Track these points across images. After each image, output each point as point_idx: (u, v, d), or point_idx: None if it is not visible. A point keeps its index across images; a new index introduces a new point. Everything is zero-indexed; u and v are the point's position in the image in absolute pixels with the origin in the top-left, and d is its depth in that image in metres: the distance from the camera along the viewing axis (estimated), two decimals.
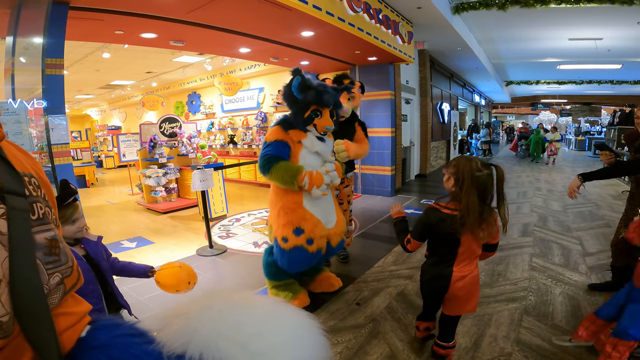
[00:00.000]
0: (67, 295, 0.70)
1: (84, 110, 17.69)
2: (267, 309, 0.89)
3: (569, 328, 2.42)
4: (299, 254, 2.60)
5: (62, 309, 0.69)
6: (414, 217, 5.32)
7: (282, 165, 2.57)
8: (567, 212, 5.57)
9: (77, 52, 6.90)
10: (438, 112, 10.71)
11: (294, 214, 2.64)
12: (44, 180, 0.73)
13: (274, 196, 2.76)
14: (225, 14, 3.93)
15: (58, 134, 2.86)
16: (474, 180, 1.77)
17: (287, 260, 2.64)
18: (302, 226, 2.60)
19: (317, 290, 3.10)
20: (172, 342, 0.76)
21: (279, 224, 2.66)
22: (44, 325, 0.60)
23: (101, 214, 6.58)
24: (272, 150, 2.60)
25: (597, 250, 3.90)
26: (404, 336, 2.42)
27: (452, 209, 1.82)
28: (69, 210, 1.63)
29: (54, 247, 0.66)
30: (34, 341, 0.59)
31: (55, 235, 0.68)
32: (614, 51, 9.83)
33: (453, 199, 1.85)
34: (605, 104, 20.87)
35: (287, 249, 2.59)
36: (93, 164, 10.95)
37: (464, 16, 7.14)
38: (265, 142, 2.69)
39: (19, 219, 0.60)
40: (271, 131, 2.72)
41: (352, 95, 3.45)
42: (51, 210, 0.71)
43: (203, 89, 10.90)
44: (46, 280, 0.63)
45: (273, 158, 2.59)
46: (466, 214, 1.75)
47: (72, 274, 0.70)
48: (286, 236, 2.59)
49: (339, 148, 3.26)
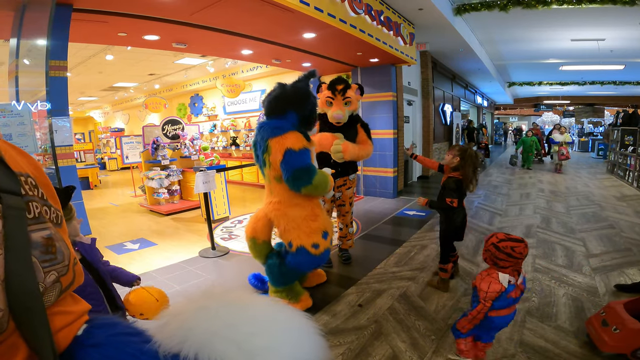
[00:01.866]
0: (64, 294, 0.71)
1: (87, 112, 17.79)
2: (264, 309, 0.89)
3: (572, 329, 2.41)
4: (326, 255, 2.68)
5: (59, 308, 0.70)
6: (416, 218, 5.34)
7: (320, 174, 2.57)
8: (571, 213, 5.54)
9: (80, 55, 6.94)
10: (440, 113, 10.71)
11: (320, 219, 2.68)
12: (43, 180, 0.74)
13: (293, 207, 2.63)
14: (228, 16, 3.95)
15: (62, 135, 2.87)
16: (471, 159, 2.91)
17: (316, 264, 2.69)
18: (327, 229, 2.68)
19: (312, 284, 3.20)
20: (168, 342, 0.76)
21: (304, 232, 2.60)
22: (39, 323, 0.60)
23: (104, 215, 6.60)
24: (308, 160, 2.53)
25: (601, 251, 3.88)
26: (406, 337, 2.41)
27: (457, 176, 2.93)
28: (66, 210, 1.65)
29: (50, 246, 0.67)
30: (29, 338, 0.59)
31: (51, 234, 0.68)
32: (617, 52, 9.79)
33: (456, 169, 2.95)
34: (608, 105, 20.78)
35: (319, 254, 2.61)
36: (96, 166, 10.99)
37: (465, 17, 7.14)
38: (291, 150, 2.45)
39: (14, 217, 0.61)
40: (294, 137, 2.51)
41: (348, 99, 3.43)
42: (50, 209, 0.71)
43: (205, 91, 10.94)
44: (42, 278, 0.63)
45: (313, 168, 2.54)
46: (465, 178, 2.91)
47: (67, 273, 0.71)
48: (317, 242, 2.60)
49: (335, 148, 3.27)
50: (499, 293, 1.82)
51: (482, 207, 6.04)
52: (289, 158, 2.45)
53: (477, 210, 5.93)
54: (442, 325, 2.54)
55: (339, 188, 3.66)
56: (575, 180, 8.73)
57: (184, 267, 3.84)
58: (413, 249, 4.14)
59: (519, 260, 1.85)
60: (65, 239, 0.74)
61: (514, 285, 1.86)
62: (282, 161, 2.49)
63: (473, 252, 3.97)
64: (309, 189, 2.52)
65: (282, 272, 2.76)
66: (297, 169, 2.46)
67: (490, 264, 1.93)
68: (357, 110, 3.63)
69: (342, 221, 3.83)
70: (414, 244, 4.34)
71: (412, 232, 4.78)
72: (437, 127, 10.30)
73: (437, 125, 10.30)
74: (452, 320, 2.59)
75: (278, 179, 2.62)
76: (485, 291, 1.84)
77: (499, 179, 9.18)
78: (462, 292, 3.03)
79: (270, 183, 2.72)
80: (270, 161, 2.57)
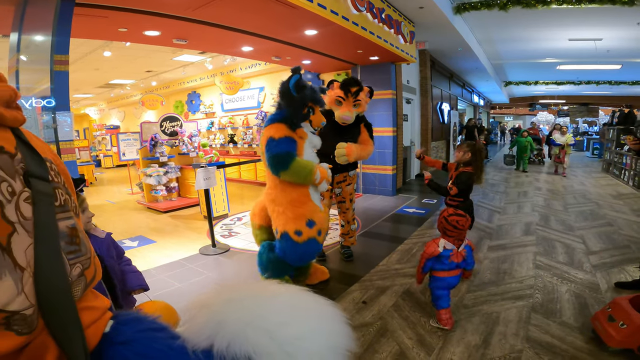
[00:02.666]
0: (87, 288, 0.68)
1: (82, 109, 17.60)
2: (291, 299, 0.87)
3: (577, 325, 2.42)
4: (311, 246, 2.67)
5: (85, 303, 0.67)
6: (415, 216, 5.35)
7: (299, 161, 2.63)
8: (569, 211, 5.58)
9: (77, 51, 6.86)
10: (438, 112, 10.73)
11: (305, 206, 2.69)
12: (63, 167, 0.72)
13: (279, 192, 2.75)
14: (230, 12, 3.92)
15: (63, 130, 2.84)
16: (481, 154, 3.20)
17: (300, 254, 2.68)
18: (313, 218, 2.68)
19: (315, 281, 3.19)
20: (197, 336, 0.75)
21: (287, 217, 2.67)
22: (70, 320, 0.57)
23: (101, 213, 6.54)
24: (286, 147, 2.62)
25: (600, 248, 3.91)
26: (412, 334, 2.41)
27: (469, 170, 3.14)
28: (79, 199, 1.63)
29: (75, 237, 0.64)
30: (60, 337, 0.56)
31: (75, 223, 0.65)
32: (614, 52, 9.87)
33: (468, 164, 3.18)
34: (603, 105, 20.96)
35: (301, 242, 2.62)
36: (92, 163, 10.89)
37: (465, 16, 7.15)
38: (271, 138, 2.65)
39: (44, 203, 0.58)
40: (275, 128, 2.68)
41: (358, 102, 3.46)
42: (70, 197, 0.69)
43: (203, 88, 10.87)
44: (69, 272, 0.60)
45: (290, 154, 2.61)
46: (477, 171, 3.16)
47: (90, 266, 0.68)
48: (299, 229, 2.62)
49: (339, 152, 3.32)
50: (433, 255, 2.38)
51: (481, 205, 6.07)
52: (269, 145, 2.64)
53: (476, 208, 5.94)
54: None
55: (339, 184, 3.67)
56: (571, 179, 8.80)
57: (185, 265, 3.81)
58: (414, 246, 4.14)
59: (461, 231, 2.38)
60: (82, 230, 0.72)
61: (450, 250, 2.38)
62: (264, 148, 2.69)
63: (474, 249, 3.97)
64: (286, 173, 2.61)
65: (270, 260, 2.81)
66: (274, 155, 2.61)
67: (441, 233, 2.46)
68: (364, 112, 3.65)
69: (343, 218, 3.82)
70: (415, 240, 4.34)
71: (412, 230, 4.79)
72: (435, 126, 10.32)
73: (435, 123, 10.32)
74: (457, 316, 2.60)
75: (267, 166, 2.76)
76: (424, 251, 2.44)
77: (496, 178, 9.23)
78: (466, 289, 3.04)
79: (265, 170, 2.86)
80: (262, 149, 2.78)
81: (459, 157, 3.27)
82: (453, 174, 3.30)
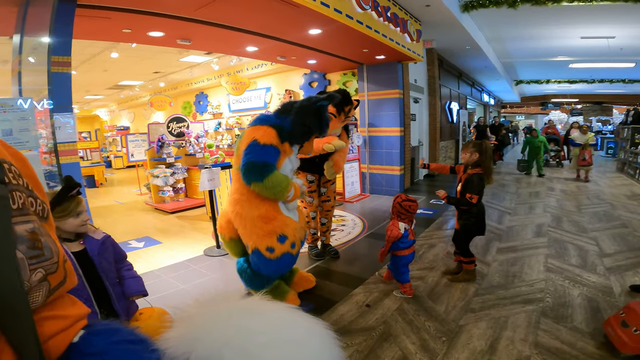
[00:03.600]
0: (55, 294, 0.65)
1: (93, 110, 17.87)
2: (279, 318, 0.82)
3: (589, 330, 2.33)
4: (285, 260, 2.55)
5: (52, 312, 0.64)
6: (423, 217, 5.26)
7: (276, 175, 2.43)
8: (582, 212, 5.43)
9: (85, 52, 6.93)
10: (447, 111, 10.59)
11: (275, 221, 2.54)
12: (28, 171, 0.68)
13: (246, 205, 2.54)
14: (233, 11, 3.90)
15: (65, 132, 2.83)
16: (488, 152, 3.03)
17: (275, 268, 2.57)
18: (285, 232, 2.53)
19: (299, 289, 3.05)
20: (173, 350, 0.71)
21: (257, 234, 2.52)
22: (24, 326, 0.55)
23: (110, 214, 6.59)
24: (268, 157, 2.41)
25: (614, 251, 3.78)
26: (416, 339, 2.35)
27: (479, 172, 3.00)
28: (73, 202, 1.61)
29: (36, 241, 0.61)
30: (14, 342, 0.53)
31: (35, 227, 0.62)
32: (627, 50, 9.62)
33: (476, 165, 3.03)
34: (616, 103, 20.52)
35: (274, 258, 2.50)
36: (102, 164, 11.02)
37: (473, 14, 7.02)
38: (256, 141, 2.40)
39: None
40: (263, 131, 2.45)
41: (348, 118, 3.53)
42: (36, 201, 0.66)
43: (210, 89, 10.92)
44: (27, 277, 0.58)
45: (269, 167, 2.41)
46: (487, 171, 3.01)
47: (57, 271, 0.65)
48: (271, 246, 2.49)
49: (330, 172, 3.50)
50: (398, 237, 2.76)
51: (490, 206, 5.94)
52: (250, 148, 2.40)
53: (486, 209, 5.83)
54: (453, 326, 2.47)
55: (324, 184, 3.80)
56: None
57: (189, 266, 3.80)
58: (421, 248, 4.07)
59: (412, 214, 2.84)
60: (52, 234, 0.68)
61: (407, 230, 2.82)
62: (244, 150, 2.44)
63: (483, 251, 3.88)
64: (259, 186, 2.40)
65: (250, 277, 2.68)
66: (252, 161, 2.38)
67: (394, 216, 2.85)
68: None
69: (325, 216, 3.88)
70: (421, 242, 4.26)
71: (419, 231, 4.70)
72: (443, 125, 10.18)
73: (443, 123, 10.19)
74: (463, 321, 2.53)
75: (238, 168, 2.53)
76: (389, 236, 2.78)
77: (507, 178, 9.06)
78: (473, 293, 2.95)
79: (233, 171, 2.66)
80: (239, 148, 2.54)
81: (466, 158, 3.09)
82: (462, 177, 3.15)
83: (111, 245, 1.86)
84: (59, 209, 1.57)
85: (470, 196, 2.98)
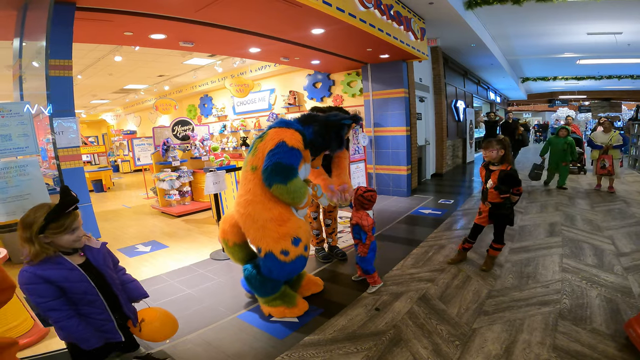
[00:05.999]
0: None
1: (99, 115, 17.98)
2: None
3: (610, 332, 2.23)
4: (299, 263, 2.53)
5: None
6: (432, 217, 5.17)
7: (299, 181, 2.46)
8: (595, 210, 5.30)
9: (89, 57, 6.95)
10: (453, 110, 10.47)
11: (290, 223, 2.50)
12: None
13: (259, 207, 2.47)
14: (234, 13, 3.85)
15: (67, 137, 2.80)
16: (509, 147, 3.18)
17: (288, 272, 2.53)
18: (299, 235, 2.50)
19: (307, 293, 2.98)
20: None
21: (271, 237, 2.46)
22: None
23: (117, 218, 6.58)
24: (294, 160, 2.41)
25: (631, 250, 3.66)
26: (428, 343, 2.27)
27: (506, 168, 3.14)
28: (69, 218, 1.55)
29: None
30: None
31: None
32: (635, 45, 9.45)
33: (503, 161, 3.18)
34: (625, 99, 20.20)
35: (289, 261, 2.46)
36: (110, 169, 11.05)
37: (477, 11, 6.92)
38: (284, 142, 2.39)
39: None
40: (292, 133, 2.46)
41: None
42: None
43: (214, 92, 10.92)
44: None
45: (294, 170, 2.41)
46: (513, 166, 3.17)
47: None
48: (286, 249, 2.44)
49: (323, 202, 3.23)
50: (372, 224, 2.97)
51: None
52: (277, 150, 2.38)
53: None
54: (467, 329, 2.39)
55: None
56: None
57: (195, 270, 3.75)
58: (430, 249, 3.98)
59: (373, 203, 3.02)
60: None
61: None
62: (270, 150, 2.40)
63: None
64: (281, 189, 2.37)
65: (261, 282, 2.62)
66: (280, 162, 2.36)
67: (358, 207, 3.02)
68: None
69: (329, 217, 3.84)
70: (431, 243, 4.17)
71: (428, 232, 4.61)
72: (449, 124, 10.07)
73: (449, 122, 10.07)
74: (477, 324, 2.44)
75: (254, 168, 2.47)
76: (367, 224, 2.94)
77: None
78: (486, 295, 2.87)
79: (245, 172, 2.57)
80: (259, 148, 2.48)
81: (492, 156, 3.21)
82: (491, 174, 3.21)
83: (107, 251, 1.83)
84: (54, 226, 1.50)
85: (518, 189, 3.15)
